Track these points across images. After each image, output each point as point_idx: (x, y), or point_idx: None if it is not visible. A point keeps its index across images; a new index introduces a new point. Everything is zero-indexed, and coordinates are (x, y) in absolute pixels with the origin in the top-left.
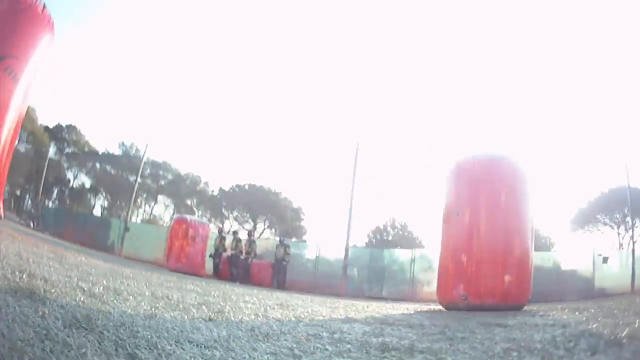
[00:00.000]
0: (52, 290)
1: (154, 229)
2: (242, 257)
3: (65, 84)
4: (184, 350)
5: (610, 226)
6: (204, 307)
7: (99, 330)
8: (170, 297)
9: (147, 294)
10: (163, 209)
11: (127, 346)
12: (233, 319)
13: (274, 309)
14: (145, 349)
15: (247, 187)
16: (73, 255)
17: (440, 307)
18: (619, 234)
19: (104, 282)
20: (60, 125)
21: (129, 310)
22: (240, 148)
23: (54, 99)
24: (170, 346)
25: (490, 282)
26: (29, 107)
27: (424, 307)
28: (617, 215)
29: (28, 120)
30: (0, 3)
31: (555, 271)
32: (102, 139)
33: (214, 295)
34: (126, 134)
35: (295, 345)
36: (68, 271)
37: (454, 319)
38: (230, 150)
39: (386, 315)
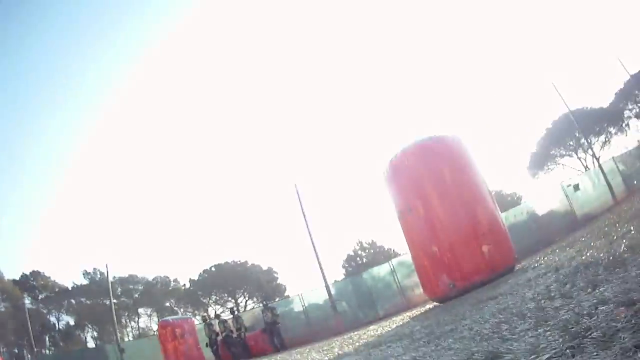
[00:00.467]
0: None
1: (147, 341)
2: (235, 335)
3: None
4: None
5: (569, 155)
6: None
7: None
8: None
9: None
10: (147, 320)
11: None
12: None
13: None
14: None
15: (213, 269)
16: None
17: (434, 303)
18: (579, 158)
19: None
20: (25, 275)
21: None
22: (193, 235)
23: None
24: None
25: (470, 259)
26: None
27: (420, 310)
28: (570, 143)
29: None
30: None
31: (533, 220)
32: (68, 273)
33: None
34: (86, 260)
35: None
36: None
37: (445, 311)
38: (184, 241)
39: (380, 335)
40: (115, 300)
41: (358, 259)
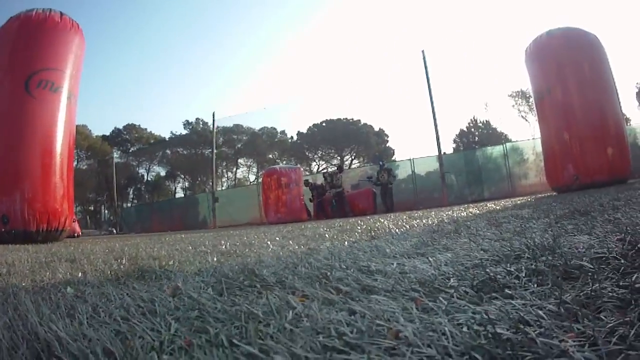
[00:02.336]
0: (171, 262)
1: (243, 190)
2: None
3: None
4: None
5: None
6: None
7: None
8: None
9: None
10: (246, 170)
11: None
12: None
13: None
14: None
15: (324, 124)
16: (170, 236)
17: (552, 192)
18: None
19: (223, 242)
20: (117, 129)
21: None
22: (308, 88)
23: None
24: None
25: (596, 158)
26: (77, 125)
27: (532, 198)
28: None
29: (81, 137)
30: (14, 21)
31: (636, 148)
32: (166, 125)
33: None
34: (188, 113)
35: None
36: (173, 246)
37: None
38: (297, 93)
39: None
40: (215, 150)
41: (470, 136)
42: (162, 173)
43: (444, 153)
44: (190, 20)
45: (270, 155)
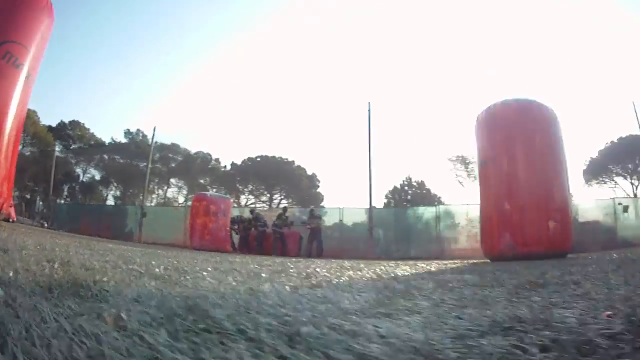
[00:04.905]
0: (105, 279)
1: (171, 210)
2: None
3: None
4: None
5: (623, 176)
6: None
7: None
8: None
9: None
10: (176, 191)
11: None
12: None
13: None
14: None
15: (259, 159)
16: (98, 243)
17: (485, 259)
18: (632, 183)
19: (154, 262)
20: (64, 123)
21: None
22: (248, 120)
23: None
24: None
25: (536, 228)
26: (27, 110)
27: (465, 262)
28: (629, 165)
29: (29, 122)
30: None
31: (576, 223)
32: (107, 130)
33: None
34: (130, 121)
35: None
36: (103, 257)
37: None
38: (237, 124)
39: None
40: (150, 165)
41: (403, 194)
42: (97, 177)
43: (374, 207)
44: (150, 25)
45: (202, 181)
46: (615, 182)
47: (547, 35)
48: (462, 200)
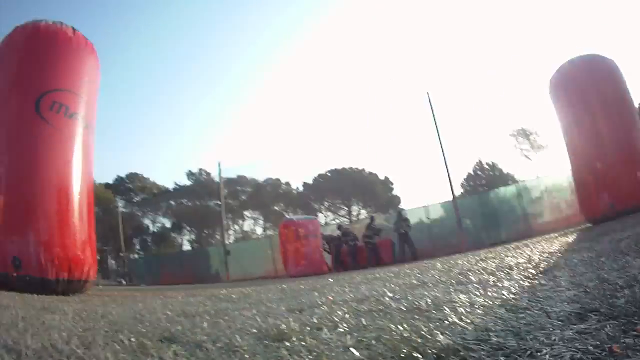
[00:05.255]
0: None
1: (254, 243)
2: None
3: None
4: None
5: None
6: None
7: None
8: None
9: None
10: (252, 223)
11: None
12: None
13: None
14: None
15: (329, 174)
16: (204, 292)
17: (587, 224)
18: None
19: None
20: (120, 177)
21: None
22: (311, 137)
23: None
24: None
25: (629, 183)
26: None
27: (567, 233)
28: None
29: None
30: (21, 31)
31: None
32: (168, 176)
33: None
34: (190, 163)
35: None
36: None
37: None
38: (301, 143)
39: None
40: (220, 202)
41: (477, 179)
42: (168, 224)
43: (460, 195)
44: (189, 67)
45: (276, 207)
46: None
47: None
48: (531, 174)
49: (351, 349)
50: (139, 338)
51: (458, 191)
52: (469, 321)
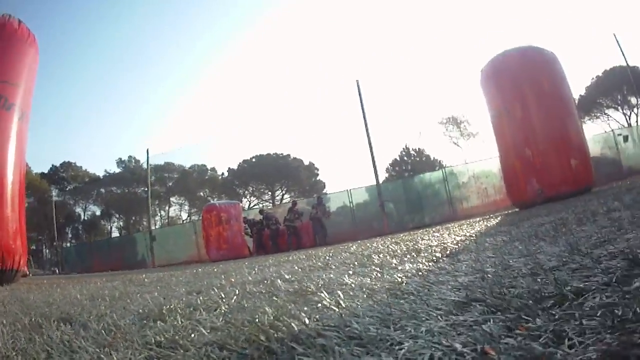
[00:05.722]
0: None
1: (178, 228)
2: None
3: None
4: None
5: (614, 108)
6: None
7: None
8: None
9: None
10: (178, 209)
11: None
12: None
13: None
14: None
15: (254, 159)
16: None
17: (515, 209)
18: (624, 113)
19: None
20: (55, 166)
21: None
22: (236, 124)
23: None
24: None
25: (559, 170)
26: None
27: (492, 217)
28: (619, 96)
29: None
30: None
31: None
32: (99, 163)
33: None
34: (120, 150)
35: None
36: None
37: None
38: (226, 129)
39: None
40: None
41: (403, 165)
42: (98, 212)
43: (384, 180)
44: (115, 51)
45: (202, 193)
46: (608, 115)
47: None
48: (461, 160)
49: (204, 330)
50: (39, 319)
51: (383, 177)
52: (344, 306)
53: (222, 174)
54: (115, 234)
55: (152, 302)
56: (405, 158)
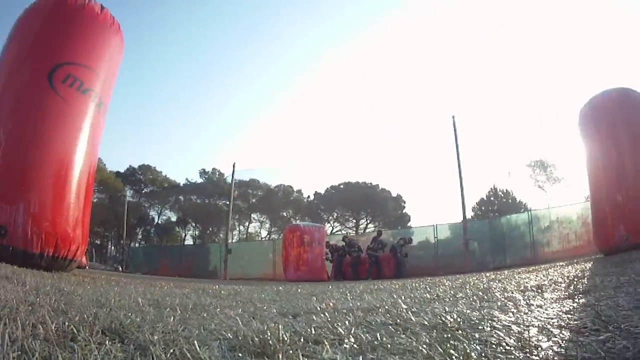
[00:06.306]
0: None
1: (257, 245)
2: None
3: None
4: None
5: None
6: None
7: None
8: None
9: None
10: (258, 226)
11: None
12: None
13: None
14: None
15: (342, 186)
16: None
17: (598, 255)
18: None
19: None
20: (132, 167)
21: None
22: (328, 149)
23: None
24: None
25: None
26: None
27: (578, 262)
28: None
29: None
30: (48, 1)
31: None
32: (181, 172)
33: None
34: (205, 162)
35: None
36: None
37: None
38: (318, 154)
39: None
40: (228, 202)
41: (489, 205)
42: (173, 218)
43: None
44: (217, 69)
45: (285, 213)
46: None
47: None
48: (543, 204)
49: None
50: (74, 325)
51: (469, 215)
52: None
53: (308, 197)
54: (189, 241)
55: (241, 322)
56: (492, 198)
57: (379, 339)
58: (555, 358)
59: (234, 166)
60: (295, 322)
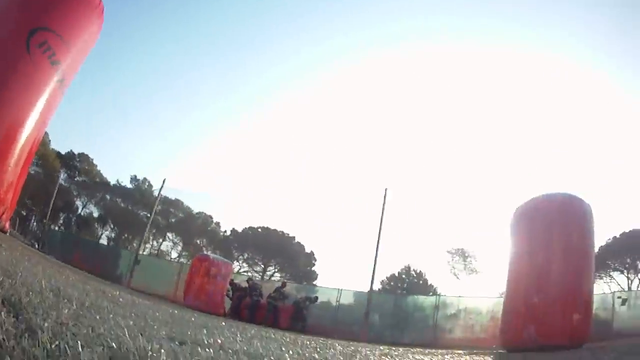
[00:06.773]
0: None
1: (165, 263)
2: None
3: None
4: None
5: (620, 270)
6: None
7: None
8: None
9: None
10: (171, 246)
11: None
12: None
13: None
14: None
15: (259, 229)
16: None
17: (500, 350)
18: (628, 277)
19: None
20: (73, 153)
21: None
22: (255, 190)
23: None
24: None
25: (561, 322)
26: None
27: (477, 353)
28: (628, 260)
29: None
30: None
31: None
32: (114, 171)
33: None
34: (138, 168)
35: None
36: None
37: None
38: (245, 192)
39: None
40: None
41: (399, 282)
42: (95, 214)
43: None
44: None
45: (199, 241)
46: (611, 276)
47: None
48: (455, 292)
49: None
50: None
51: (377, 287)
52: None
53: (225, 231)
54: (103, 241)
55: (128, 335)
56: (404, 276)
57: None
58: None
59: (163, 182)
60: (180, 350)
